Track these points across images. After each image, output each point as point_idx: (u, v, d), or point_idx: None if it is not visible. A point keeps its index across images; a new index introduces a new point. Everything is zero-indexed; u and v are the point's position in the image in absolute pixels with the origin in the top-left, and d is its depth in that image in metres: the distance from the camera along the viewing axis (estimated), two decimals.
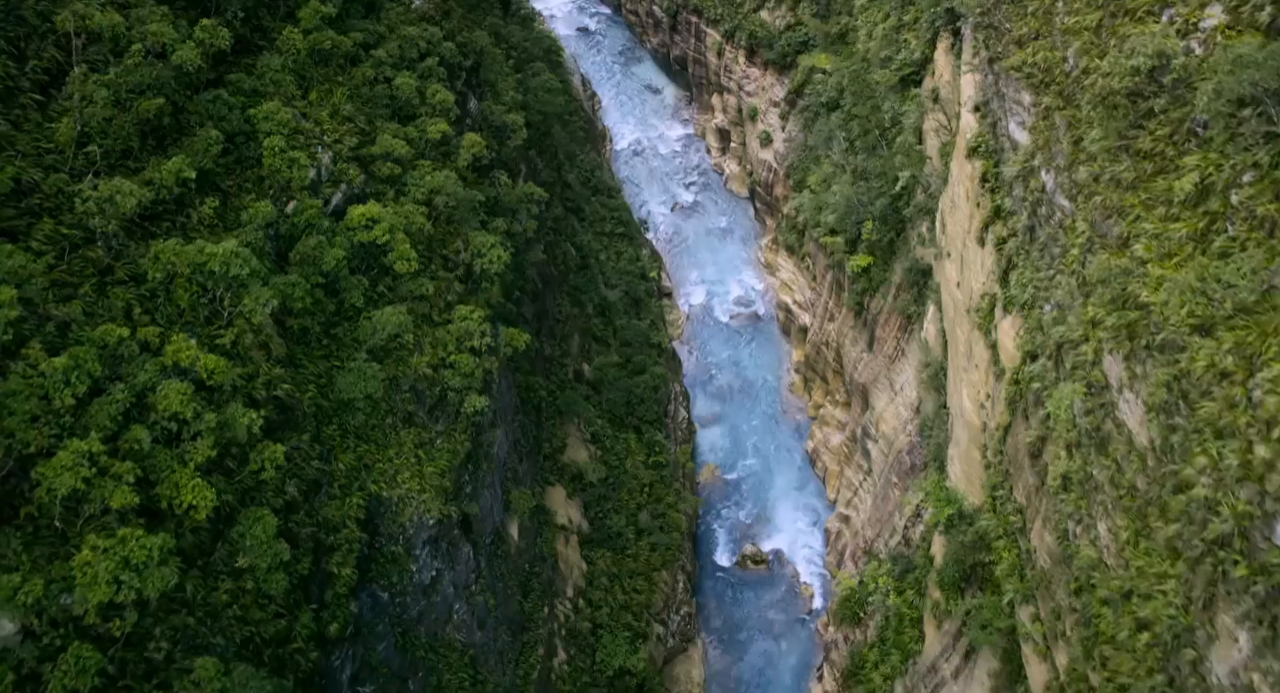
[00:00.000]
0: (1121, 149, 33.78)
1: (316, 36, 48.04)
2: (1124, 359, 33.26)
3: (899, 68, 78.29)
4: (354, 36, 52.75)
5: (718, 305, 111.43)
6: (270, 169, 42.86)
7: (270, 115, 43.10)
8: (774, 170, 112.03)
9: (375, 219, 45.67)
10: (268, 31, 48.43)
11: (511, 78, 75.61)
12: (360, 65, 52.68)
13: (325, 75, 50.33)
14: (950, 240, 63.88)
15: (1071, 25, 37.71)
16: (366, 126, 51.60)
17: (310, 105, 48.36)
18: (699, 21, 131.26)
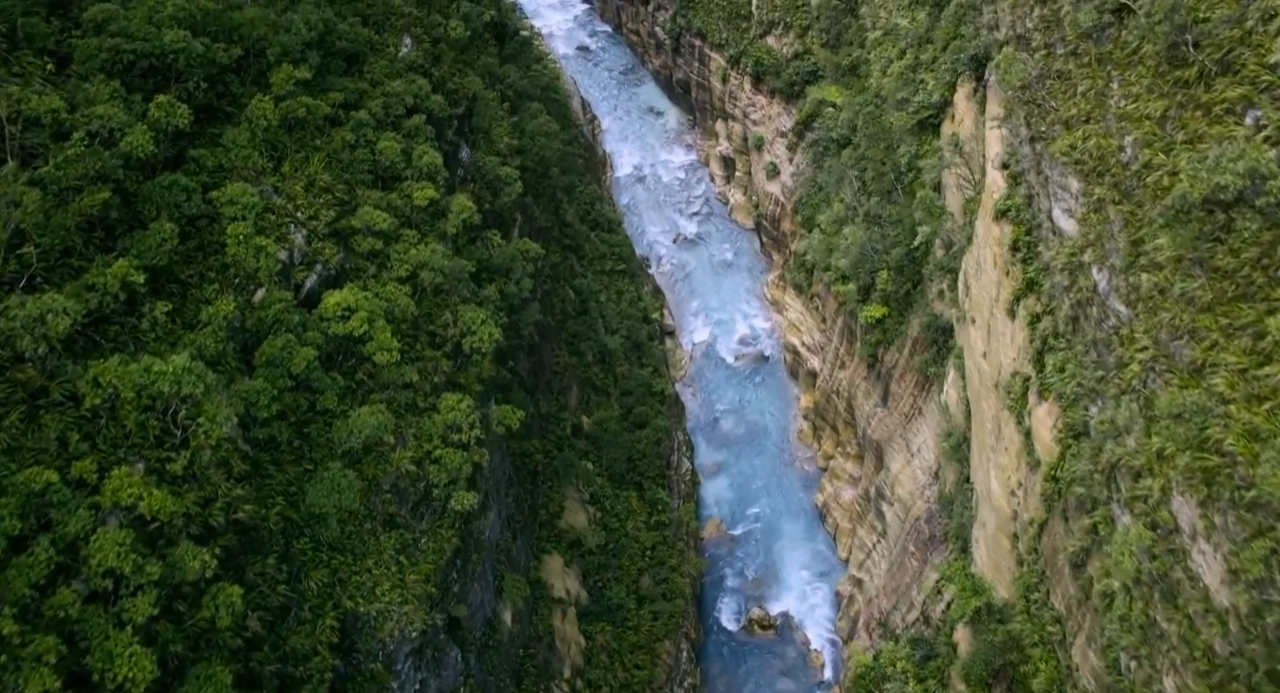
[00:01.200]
0: (1195, 263, 29.56)
1: (290, 104, 43.77)
2: (1199, 505, 29.07)
3: (916, 110, 74.04)
4: (333, 97, 48.51)
5: (722, 345, 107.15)
6: (235, 258, 38.62)
7: (235, 198, 38.85)
8: (781, 204, 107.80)
9: (352, 308, 41.41)
10: (237, 98, 44.20)
11: (506, 122, 71.40)
12: (340, 128, 48.42)
13: (301, 140, 46.08)
14: (975, 305, 59.66)
15: (1130, 112, 33.47)
16: (346, 196, 47.35)
17: (283, 178, 44.11)
18: (702, 45, 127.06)
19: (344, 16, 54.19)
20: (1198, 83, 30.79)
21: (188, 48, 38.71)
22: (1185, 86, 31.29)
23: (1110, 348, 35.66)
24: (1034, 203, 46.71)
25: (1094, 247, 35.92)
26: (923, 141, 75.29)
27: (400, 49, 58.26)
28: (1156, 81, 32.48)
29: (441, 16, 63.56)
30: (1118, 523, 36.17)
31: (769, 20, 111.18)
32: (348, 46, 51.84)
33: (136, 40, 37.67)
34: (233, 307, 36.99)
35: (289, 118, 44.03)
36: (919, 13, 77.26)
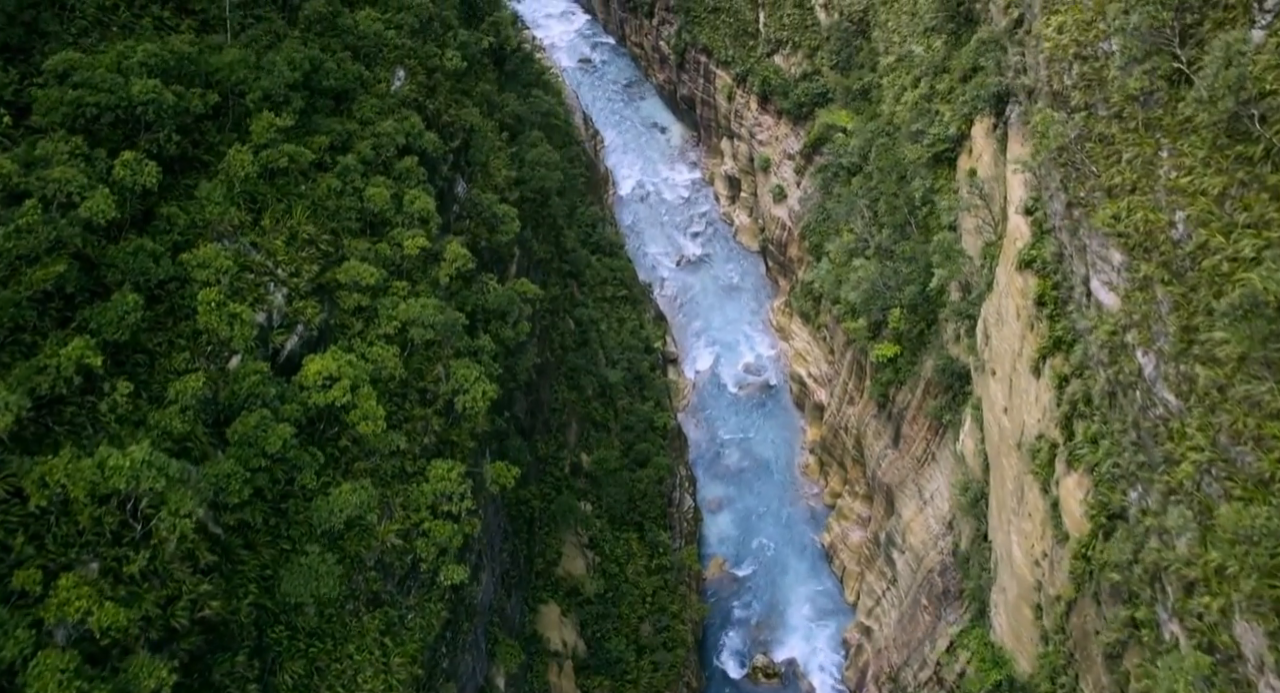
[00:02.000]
0: (1264, 365, 26.60)
1: (270, 153, 40.75)
2: (1268, 636, 26.14)
3: (932, 143, 71.08)
4: (318, 141, 45.53)
5: (726, 373, 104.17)
6: (206, 326, 35.66)
7: (207, 262, 35.87)
8: (788, 229, 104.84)
9: (334, 376, 38.42)
10: (215, 145, 41.23)
11: (505, 153, 68.45)
12: (325, 173, 45.45)
13: (283, 189, 43.08)
14: (996, 357, 56.68)
15: (1182, 186, 30.50)
16: (331, 247, 44.38)
17: (263, 232, 41.14)
18: (708, 62, 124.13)
19: (333, 51, 51.25)
20: (1264, 161, 27.85)
21: (158, 99, 35.74)
22: (1248, 164, 28.35)
23: (1157, 439, 32.67)
24: (1065, 261, 43.75)
25: (1139, 328, 32.94)
26: (938, 175, 72.34)
27: (393, 83, 55.30)
28: (1214, 155, 29.53)
29: (437, 47, 60.60)
30: (1163, 629, 33.23)
31: (777, 39, 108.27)
32: (335, 84, 48.87)
33: (101, 92, 34.69)
34: (202, 383, 34.00)
35: (269, 167, 41.01)
36: (935, 40, 74.33)
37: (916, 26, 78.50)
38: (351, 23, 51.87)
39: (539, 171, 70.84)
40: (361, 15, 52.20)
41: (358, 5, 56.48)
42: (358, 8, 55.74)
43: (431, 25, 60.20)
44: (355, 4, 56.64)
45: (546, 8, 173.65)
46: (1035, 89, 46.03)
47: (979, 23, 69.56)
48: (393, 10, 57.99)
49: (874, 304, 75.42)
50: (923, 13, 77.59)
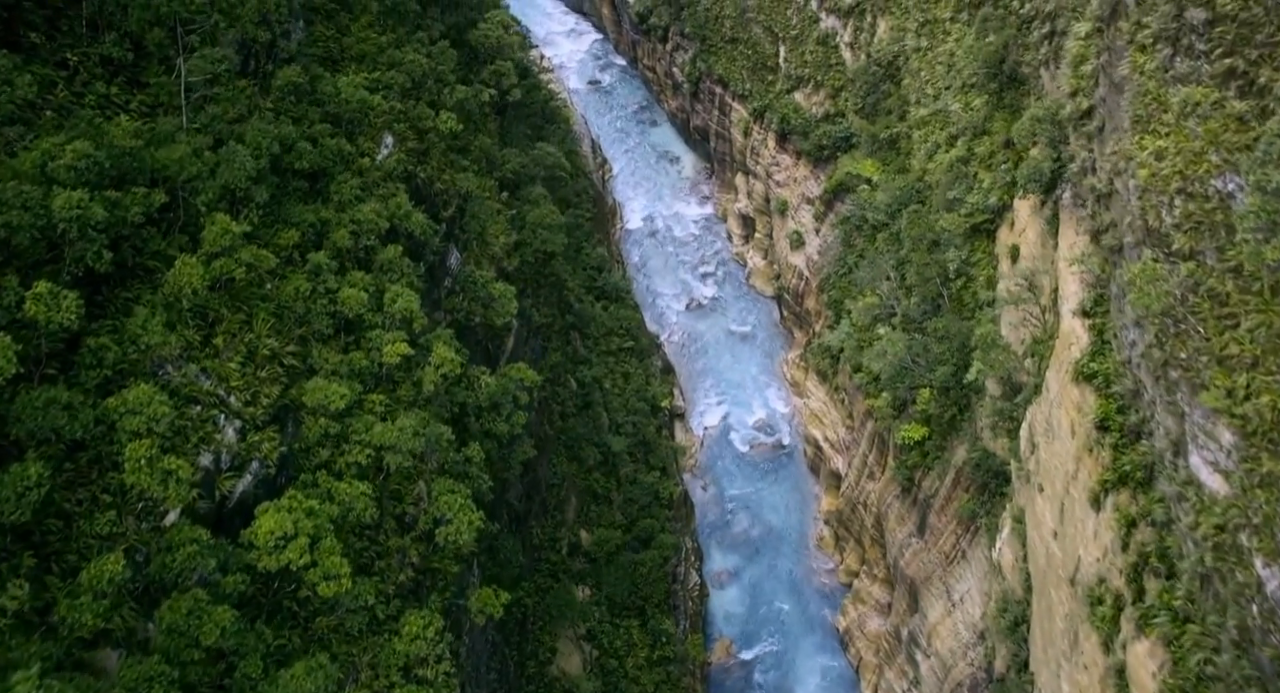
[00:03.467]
0: None
1: (225, 263, 34.99)
2: None
3: (970, 213, 65.20)
4: (286, 237, 39.79)
5: (736, 430, 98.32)
6: (134, 484, 29.94)
7: (138, 407, 30.12)
8: (805, 279, 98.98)
9: (290, 534, 32.68)
10: (162, 251, 35.47)
11: (504, 216, 62.73)
12: (294, 273, 39.71)
13: (241, 296, 37.36)
14: (1044, 472, 50.79)
15: None
16: (297, 361, 38.63)
17: (214, 353, 35.40)
18: (724, 93, 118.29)
19: (311, 122, 45.52)
20: None
21: (84, 215, 30.02)
22: None
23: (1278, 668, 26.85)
24: (1142, 401, 37.90)
25: (1259, 534, 27.10)
26: (975, 247, 66.49)
27: (379, 153, 49.56)
28: None
29: (430, 107, 54.84)
30: None
31: (798, 76, 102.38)
32: (311, 164, 43.11)
33: (13, 210, 28.97)
34: (122, 565, 28.24)
35: (224, 278, 35.29)
36: (974, 98, 68.41)
37: (953, 80, 72.64)
38: (332, 90, 46.11)
39: (540, 234, 65.08)
40: (344, 81, 46.46)
41: (341, 67, 50.83)
42: (341, 70, 50.07)
43: (425, 83, 54.44)
44: (340, 64, 51.00)
45: (556, 25, 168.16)
46: (1105, 193, 40.20)
47: (1024, 84, 63.76)
48: (382, 69, 52.29)
49: (901, 382, 69.55)
50: (960, 66, 71.72)
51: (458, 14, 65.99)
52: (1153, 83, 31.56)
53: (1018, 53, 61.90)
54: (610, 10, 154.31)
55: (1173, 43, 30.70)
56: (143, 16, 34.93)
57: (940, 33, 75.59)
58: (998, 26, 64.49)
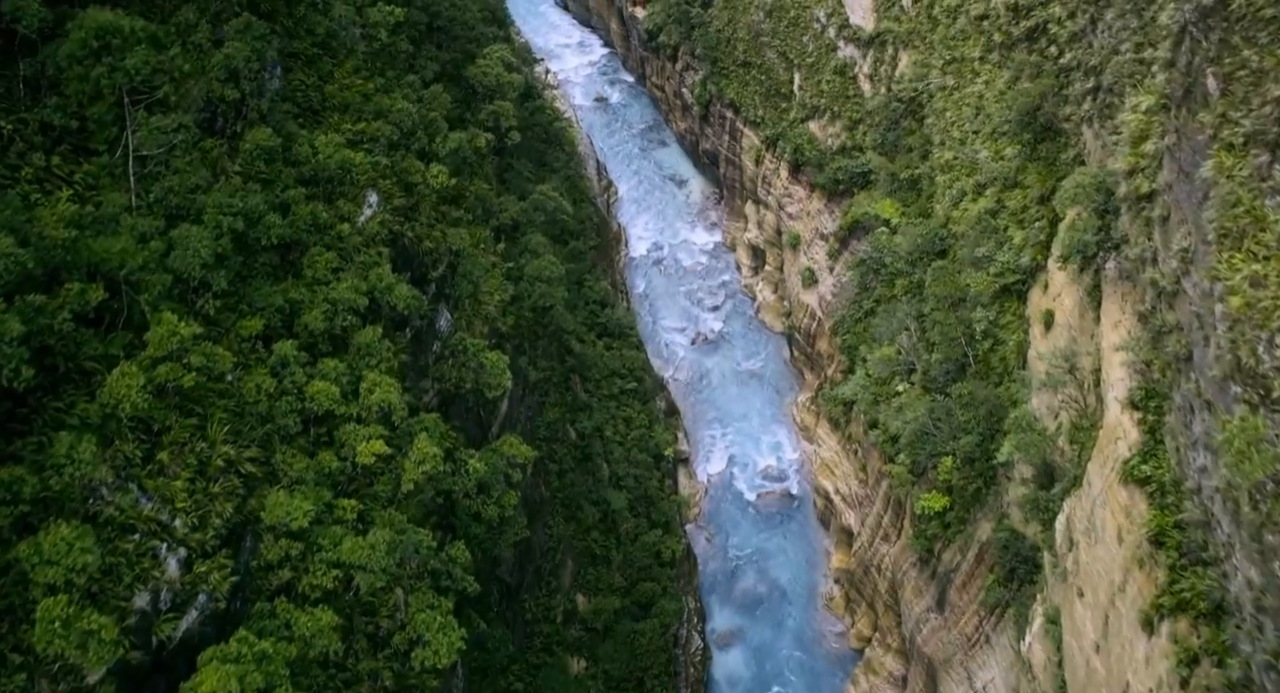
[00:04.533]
0: None
1: (171, 369, 30.67)
2: None
3: (1000, 273, 60.77)
4: (249, 327, 35.49)
5: (742, 477, 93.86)
6: (47, 650, 25.60)
7: (54, 556, 25.80)
8: (818, 319, 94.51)
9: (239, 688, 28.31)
10: (102, 352, 31.14)
11: (500, 269, 58.37)
12: (256, 366, 35.37)
13: (196, 394, 33.04)
14: (1084, 575, 46.32)
15: None
16: (256, 469, 34.29)
17: (158, 469, 31.07)
18: (735, 118, 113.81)
19: (284, 186, 41.21)
20: None
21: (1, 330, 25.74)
22: None
23: None
24: (1212, 530, 33.47)
25: None
26: (1005, 308, 62.05)
27: (360, 214, 45.23)
28: None
29: (421, 159, 50.51)
30: None
31: (813, 105, 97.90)
32: (281, 236, 38.78)
33: None
34: None
35: (169, 384, 30.95)
36: (1005, 147, 63.95)
37: (982, 124, 68.16)
38: (309, 150, 41.73)
39: (539, 287, 60.68)
40: (322, 140, 42.14)
41: (323, 117, 46.50)
42: (323, 121, 45.75)
43: (415, 133, 50.10)
44: (321, 115, 46.67)
45: (563, 38, 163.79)
46: (1171, 290, 35.80)
47: (1061, 135, 59.31)
48: (367, 120, 47.93)
49: (921, 448, 65.09)
50: (990, 110, 67.27)
51: (455, 49, 61.63)
52: (1245, 192, 27.15)
53: (1055, 104, 57.45)
54: (619, 25, 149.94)
55: (1272, 149, 26.30)
56: (80, 88, 30.57)
57: (968, 72, 71.11)
58: (1034, 74, 60.04)
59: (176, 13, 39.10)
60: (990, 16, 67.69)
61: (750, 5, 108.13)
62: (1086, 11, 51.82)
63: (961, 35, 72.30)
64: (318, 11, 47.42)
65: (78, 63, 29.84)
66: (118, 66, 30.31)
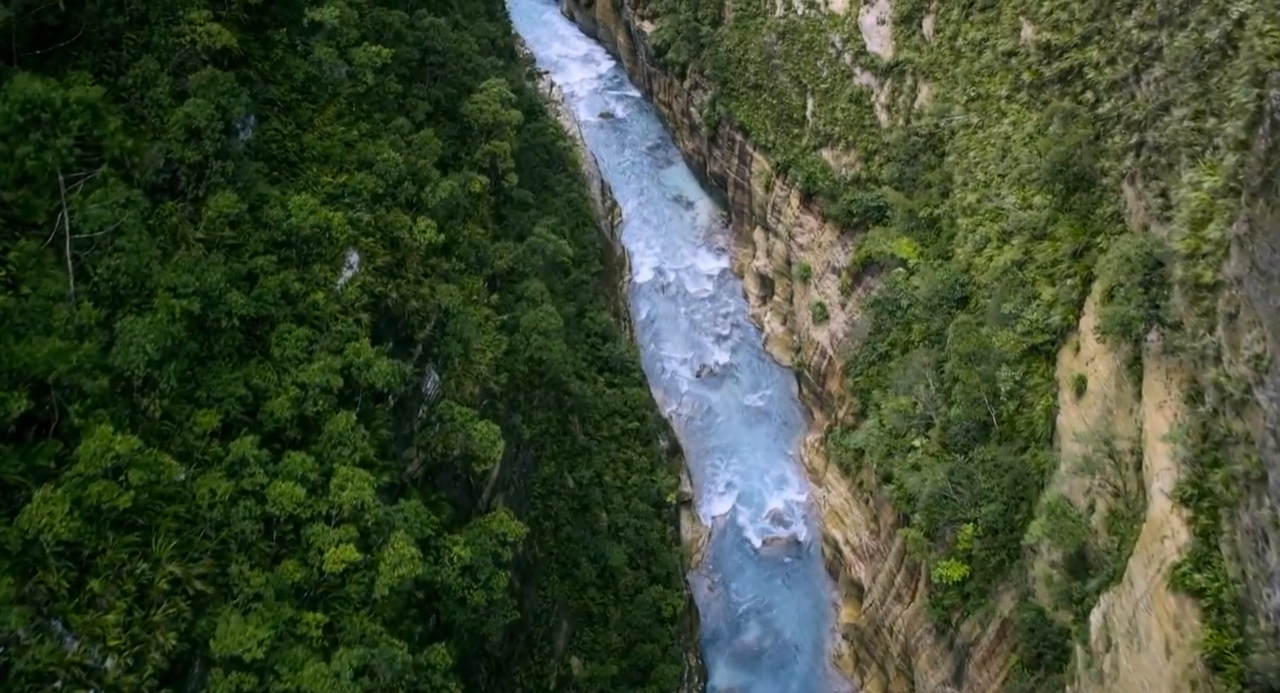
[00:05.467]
0: None
1: (104, 489, 26.84)
2: None
3: (1028, 332, 56.84)
4: (203, 423, 31.66)
5: (748, 520, 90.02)
6: None
7: None
8: (828, 357, 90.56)
9: None
10: (27, 468, 27.32)
11: (493, 323, 54.58)
12: (209, 471, 31.57)
13: (137, 508, 29.22)
14: (1124, 684, 42.54)
15: None
16: (208, 586, 30.50)
17: (88, 601, 27.25)
18: (745, 142, 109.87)
19: (253, 251, 37.43)
20: None
21: None
22: None
23: None
24: None
25: None
26: (1032, 368, 58.12)
27: (339, 278, 41.42)
28: None
29: (408, 211, 46.72)
30: None
31: (827, 133, 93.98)
32: (247, 313, 34.99)
33: None
34: None
35: (103, 507, 27.13)
36: (1034, 195, 60.00)
37: (1009, 168, 64.21)
38: (281, 213, 37.94)
39: (536, 340, 56.83)
40: (296, 202, 38.29)
41: (300, 170, 42.70)
42: (300, 173, 41.98)
43: (402, 184, 46.31)
44: (298, 167, 42.88)
45: (569, 49, 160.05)
46: (1252, 382, 31.87)
47: (1095, 185, 55.35)
48: (350, 171, 44.13)
49: (940, 512, 61.18)
50: (1017, 153, 63.34)
51: (450, 83, 57.84)
52: None
53: (1091, 155, 53.50)
54: (625, 38, 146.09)
55: None
56: (4, 169, 26.76)
57: (994, 110, 67.16)
58: (1066, 119, 56.04)
59: (134, 64, 35.35)
60: (1019, 54, 63.78)
61: (762, 26, 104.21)
62: (1130, 61, 47.88)
63: (987, 71, 68.38)
64: (297, 55, 43.61)
65: (1, 139, 26.07)
66: (47, 145, 26.55)
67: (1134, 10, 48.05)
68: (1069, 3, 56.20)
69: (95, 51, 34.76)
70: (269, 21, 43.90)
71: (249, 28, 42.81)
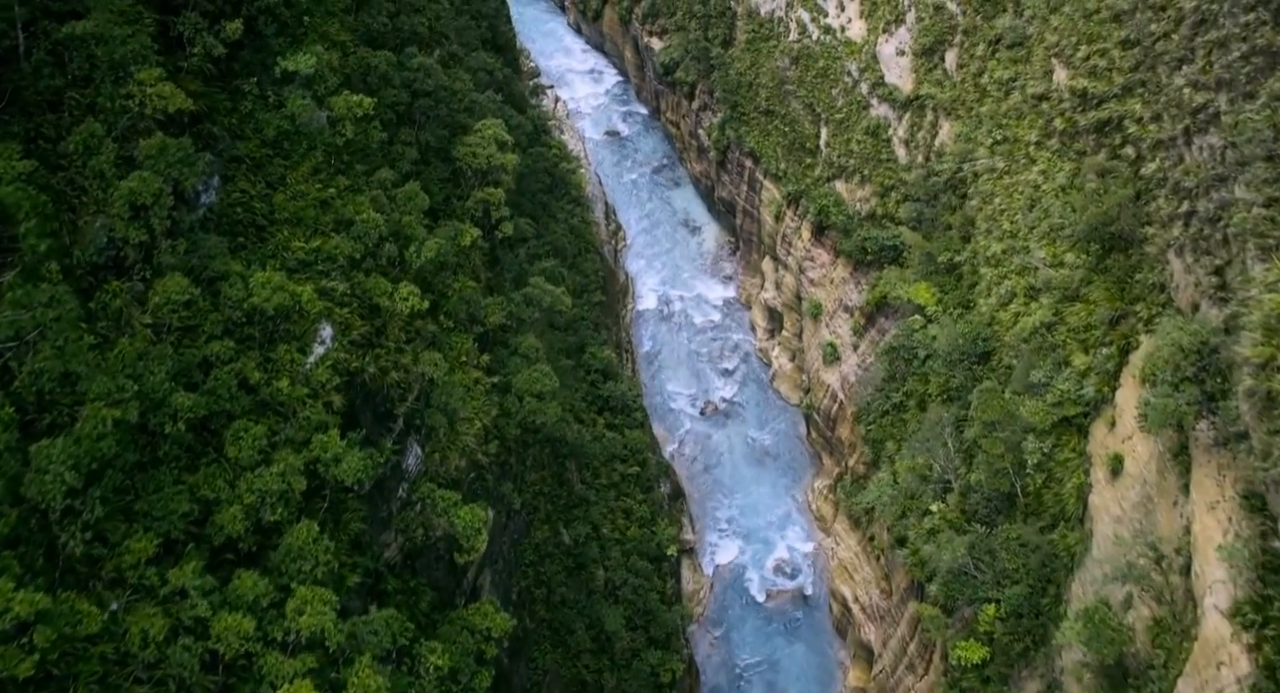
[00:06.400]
0: None
1: (1, 653, 22.90)
2: None
3: (1059, 403, 52.78)
4: (139, 548, 27.74)
5: (752, 571, 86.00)
6: None
7: None
8: (839, 402, 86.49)
9: None
10: None
11: (482, 387, 50.64)
12: (142, 606, 27.63)
13: (52, 660, 25.28)
14: None
15: None
16: None
17: None
18: (754, 168, 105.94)
19: (209, 335, 33.51)
20: None
21: None
22: None
23: None
24: None
25: None
26: (1063, 441, 54.04)
27: (309, 356, 37.50)
28: None
29: (390, 272, 42.81)
30: None
31: (841, 164, 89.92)
32: (196, 411, 31.07)
33: None
34: None
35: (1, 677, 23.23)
36: (1067, 251, 55.94)
37: (1038, 219, 60.10)
38: (241, 293, 34.02)
39: (529, 403, 52.85)
40: (260, 279, 34.35)
41: (270, 234, 38.81)
42: (264, 249, 38.06)
43: (383, 247, 42.39)
44: (267, 231, 38.97)
45: (575, 63, 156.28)
46: None
47: (1134, 247, 51.28)
48: (324, 235, 40.22)
49: (959, 589, 57.10)
50: (1047, 204, 59.25)
51: (441, 124, 53.94)
52: None
53: (1133, 217, 49.41)
54: (633, 54, 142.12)
55: None
56: None
57: (1022, 156, 63.06)
58: (1103, 173, 51.99)
59: (75, 129, 31.47)
60: (1050, 99, 59.68)
61: (775, 50, 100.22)
62: (1179, 121, 43.78)
63: (1015, 113, 64.28)
64: (268, 107, 39.71)
65: None
66: None
67: (1185, 66, 43.96)
68: (1109, 49, 52.07)
69: (30, 115, 30.87)
70: (239, 70, 40.04)
71: (215, 78, 38.95)
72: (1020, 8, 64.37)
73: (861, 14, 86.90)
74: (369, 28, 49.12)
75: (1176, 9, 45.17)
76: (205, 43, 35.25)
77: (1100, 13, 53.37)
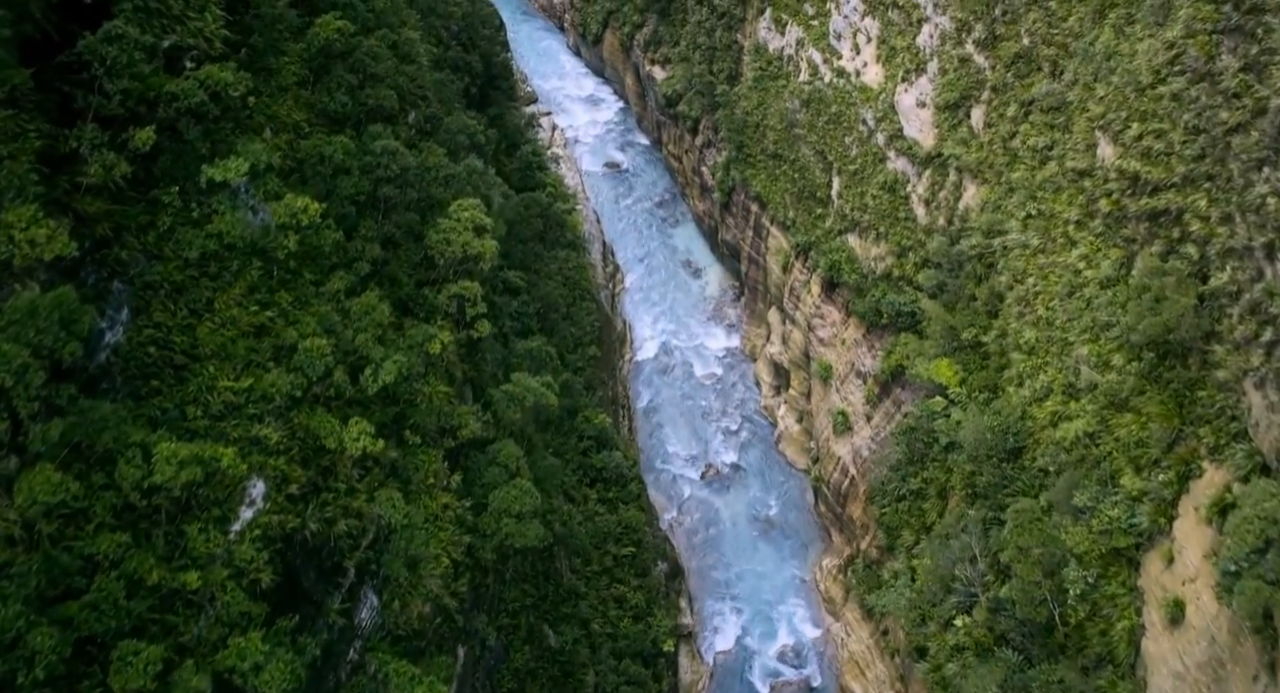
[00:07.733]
0: None
1: None
2: None
3: (1107, 530, 46.55)
4: None
5: (756, 657, 79.78)
6: None
7: None
8: (850, 476, 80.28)
9: None
10: None
11: (450, 515, 44.50)
12: None
13: None
14: None
15: None
16: None
17: None
18: (761, 214, 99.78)
19: (97, 524, 27.36)
20: None
21: None
22: None
23: None
24: None
25: None
26: (1111, 573, 47.79)
27: (237, 517, 31.41)
28: None
29: (336, 411, 36.63)
30: None
31: (854, 218, 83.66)
32: (77, 631, 24.94)
33: None
34: None
35: None
36: (1117, 353, 49.67)
37: (1078, 310, 53.86)
38: (140, 472, 27.87)
39: (506, 524, 46.62)
40: (163, 452, 28.16)
41: (193, 373, 32.69)
42: (193, 377, 31.99)
43: (331, 377, 36.25)
44: (187, 371, 32.83)
45: (574, 88, 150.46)
46: None
47: (1192, 354, 45.07)
48: (258, 371, 34.10)
49: None
50: (1090, 294, 53.03)
51: (409, 209, 47.82)
52: None
53: (1196, 327, 43.16)
54: (634, 81, 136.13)
55: None
56: None
57: (1060, 235, 56.78)
58: (1157, 271, 45.71)
59: None
60: (1094, 176, 53.43)
61: (784, 90, 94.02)
62: (1262, 233, 37.53)
63: (1051, 186, 58.02)
64: (191, 223, 33.58)
65: None
66: None
67: (1265, 168, 37.73)
68: (1167, 132, 45.81)
69: None
70: (159, 176, 33.92)
71: (130, 185, 32.78)
72: (1059, 70, 58.10)
73: (878, 58, 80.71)
74: (326, 107, 42.98)
75: (1255, 99, 38.95)
76: (105, 160, 29.05)
77: (1156, 87, 47.07)
